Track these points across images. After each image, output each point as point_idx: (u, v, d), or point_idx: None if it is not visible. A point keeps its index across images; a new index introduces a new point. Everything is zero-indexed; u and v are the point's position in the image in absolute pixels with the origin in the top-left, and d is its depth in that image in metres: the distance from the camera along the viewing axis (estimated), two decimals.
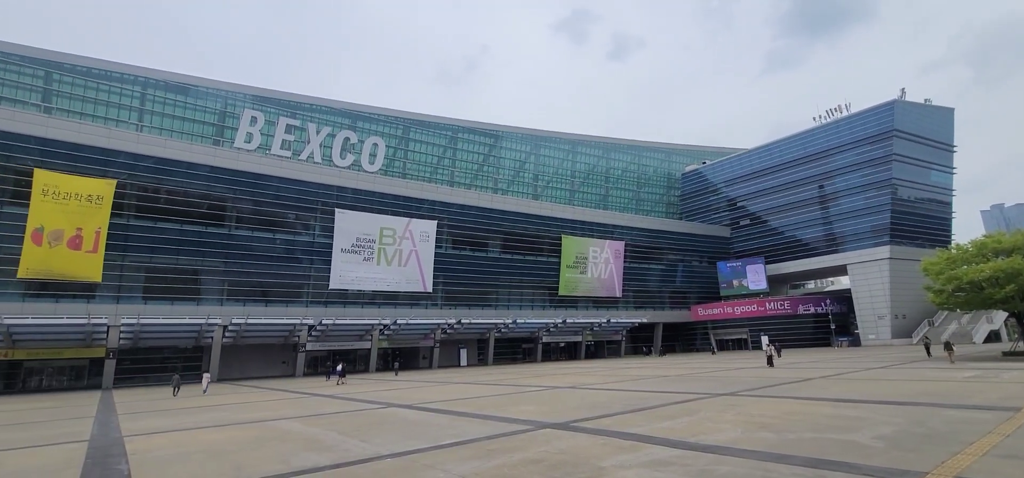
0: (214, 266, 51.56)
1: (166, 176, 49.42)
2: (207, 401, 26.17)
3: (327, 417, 17.09)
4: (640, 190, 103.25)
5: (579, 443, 10.61)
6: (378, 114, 76.94)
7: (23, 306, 41.27)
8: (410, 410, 18.18)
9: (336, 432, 13.50)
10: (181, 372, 50.97)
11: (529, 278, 73.03)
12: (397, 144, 78.75)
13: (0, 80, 55.35)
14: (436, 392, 26.05)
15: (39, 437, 15.42)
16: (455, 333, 63.21)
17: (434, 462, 9.38)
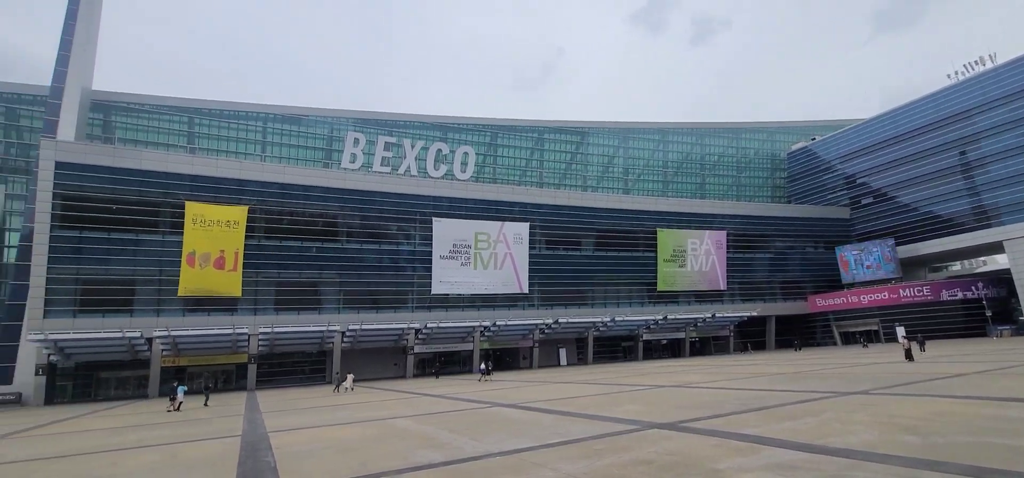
0: (331, 278, 56.54)
1: (287, 199, 55.12)
2: (334, 401, 28.76)
3: (438, 416, 18.04)
4: (740, 175, 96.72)
5: (690, 444, 10.23)
6: (466, 124, 79.72)
7: (183, 320, 48.29)
8: (514, 409, 18.62)
9: (447, 431, 14.21)
10: (308, 374, 56.54)
11: (625, 275, 71.39)
12: (486, 151, 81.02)
13: (155, 128, 65.29)
14: (538, 392, 26.39)
15: (203, 432, 17.95)
16: (553, 333, 63.48)
17: (543, 461, 9.56)
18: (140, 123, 64.50)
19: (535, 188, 74.48)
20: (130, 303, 47.95)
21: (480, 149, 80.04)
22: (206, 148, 66.31)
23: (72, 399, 47.93)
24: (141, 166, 49.58)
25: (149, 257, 48.80)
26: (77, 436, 19.16)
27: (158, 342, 45.61)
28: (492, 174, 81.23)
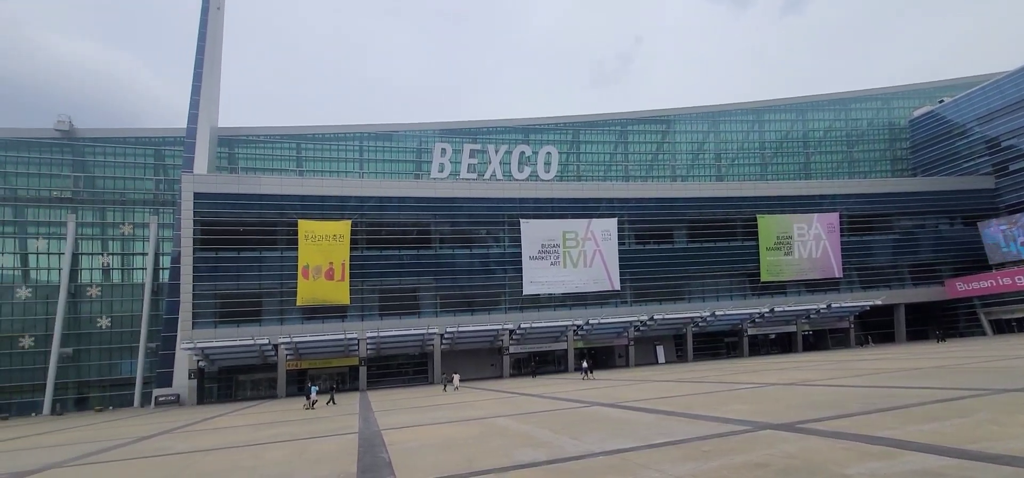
0: (427, 283, 59.37)
1: (384, 211, 58.77)
2: (438, 400, 30.21)
3: (536, 415, 18.28)
4: (852, 150, 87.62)
5: (811, 446, 9.48)
6: (547, 124, 79.90)
7: (302, 327, 53.27)
8: (613, 409, 18.36)
9: (548, 430, 14.37)
10: (412, 375, 59.71)
11: (723, 266, 67.49)
12: (569, 149, 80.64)
13: (269, 156, 72.65)
14: (636, 391, 25.79)
15: (324, 429, 19.69)
16: (648, 330, 61.60)
17: (647, 461, 9.37)
18: (257, 152, 72.18)
19: (620, 182, 72.84)
20: (258, 313, 53.81)
21: (563, 148, 79.81)
22: (312, 170, 72.63)
23: (218, 399, 54.72)
24: (260, 191, 55.49)
25: (271, 271, 54.46)
26: (224, 432, 21.88)
27: (283, 347, 50.71)
28: (576, 172, 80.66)
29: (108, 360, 62.52)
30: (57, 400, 57.94)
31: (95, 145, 65.36)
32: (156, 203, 66.21)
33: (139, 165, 66.85)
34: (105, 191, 65.52)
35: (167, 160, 67.18)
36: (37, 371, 58.80)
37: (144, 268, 63.84)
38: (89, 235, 64.55)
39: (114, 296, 63.92)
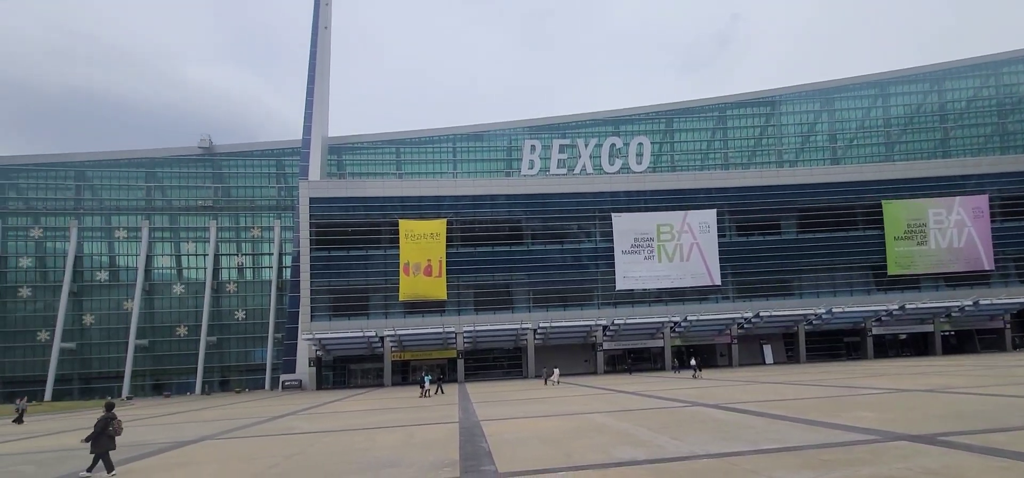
0: (520, 279, 60.40)
1: (477, 209, 60.64)
2: (533, 394, 30.71)
3: (634, 413, 17.93)
4: (1004, 121, 75.40)
5: (958, 463, 8.37)
6: (638, 114, 77.45)
7: (404, 321, 56.72)
8: (717, 410, 17.49)
9: (647, 428, 14.05)
10: (506, 369, 61.06)
11: (841, 258, 61.30)
12: (662, 139, 77.61)
13: (372, 160, 77.84)
14: (742, 392, 24.32)
15: (428, 417, 20.84)
16: (754, 328, 57.64)
17: (756, 467, 8.84)
18: (361, 158, 77.77)
19: (719, 171, 68.72)
20: (366, 308, 58.15)
21: (655, 138, 76.97)
22: (410, 172, 76.83)
23: (333, 385, 59.98)
24: (365, 194, 59.84)
25: (376, 268, 58.56)
26: (340, 416, 23.97)
27: (388, 340, 54.34)
28: (670, 162, 77.42)
29: (244, 348, 71.12)
30: (206, 382, 67.02)
31: (229, 159, 74.40)
32: (279, 208, 73.92)
33: (264, 175, 75.03)
34: (238, 199, 74.38)
35: (287, 169, 74.65)
36: (190, 356, 68.37)
37: (270, 267, 71.69)
38: (226, 238, 73.63)
39: (247, 292, 72.45)
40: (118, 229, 70.81)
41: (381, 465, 10.76)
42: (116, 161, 71.92)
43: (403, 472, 9.94)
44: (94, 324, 68.93)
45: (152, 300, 70.43)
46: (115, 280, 70.75)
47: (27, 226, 69.28)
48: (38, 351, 65.93)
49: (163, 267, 72.38)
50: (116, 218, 71.05)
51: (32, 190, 70.62)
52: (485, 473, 9.49)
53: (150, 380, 69.20)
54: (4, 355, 66.36)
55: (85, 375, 67.98)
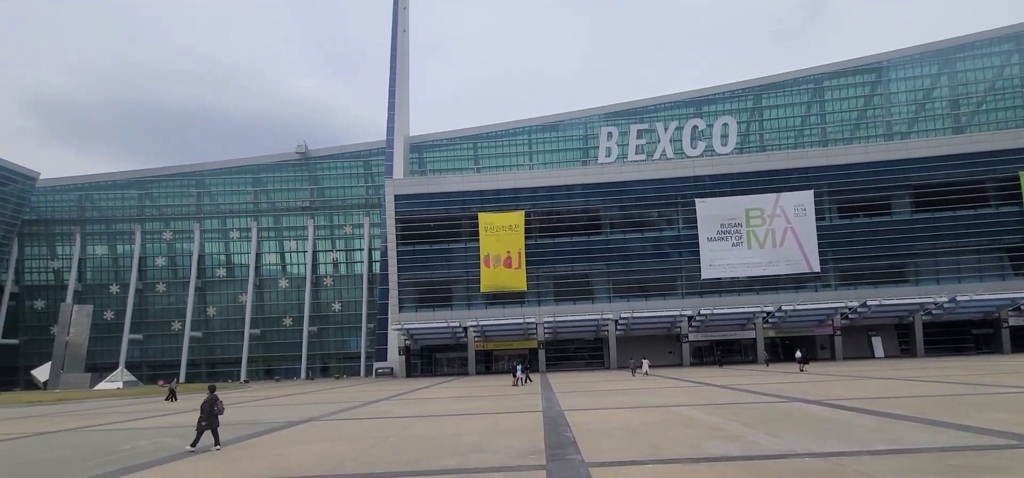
0: (599, 269, 59.68)
1: (554, 199, 60.60)
2: (617, 385, 30.36)
3: (725, 407, 17.17)
4: None
5: None
6: (722, 93, 73.17)
7: (486, 311, 58.18)
8: (818, 406, 16.30)
9: (739, 423, 13.42)
10: (588, 360, 60.70)
11: (968, 239, 54.33)
12: (749, 117, 72.89)
13: (451, 156, 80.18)
14: (847, 387, 22.43)
15: (511, 406, 21.32)
16: (860, 318, 52.78)
17: (868, 469, 8.16)
18: (440, 154, 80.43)
19: (816, 149, 63.26)
20: (449, 299, 60.35)
21: (742, 117, 72.39)
22: (488, 165, 78.27)
23: (421, 373, 62.99)
24: (445, 189, 61.91)
25: (457, 261, 60.53)
26: (429, 402, 25.17)
27: (471, 330, 56.05)
28: (759, 142, 72.48)
29: (341, 337, 76.63)
30: (309, 368, 73.11)
31: (323, 162, 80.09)
32: (367, 206, 78.52)
33: (353, 175, 79.98)
34: (331, 199, 79.95)
35: (373, 169, 79.02)
36: (295, 344, 74.88)
37: (361, 262, 76.49)
38: (322, 236, 79.48)
39: (342, 285, 77.86)
40: (232, 230, 78.90)
41: (469, 450, 11.21)
42: (228, 169, 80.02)
43: (490, 458, 10.28)
44: (216, 315, 77.52)
45: (262, 293, 77.85)
46: (231, 276, 78.98)
47: (160, 230, 79.19)
48: (173, 339, 75.41)
49: (270, 264, 79.66)
50: (230, 220, 79.19)
51: (163, 198, 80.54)
52: (571, 462, 9.59)
53: (263, 365, 76.67)
54: (148, 342, 76.58)
55: (210, 360, 76.72)
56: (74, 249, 77.25)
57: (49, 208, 79.72)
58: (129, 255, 77.62)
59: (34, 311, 77.20)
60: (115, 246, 79.44)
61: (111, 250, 79.65)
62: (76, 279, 76.57)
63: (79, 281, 77.14)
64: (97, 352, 69.01)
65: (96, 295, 75.68)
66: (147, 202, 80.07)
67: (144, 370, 73.29)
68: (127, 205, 79.66)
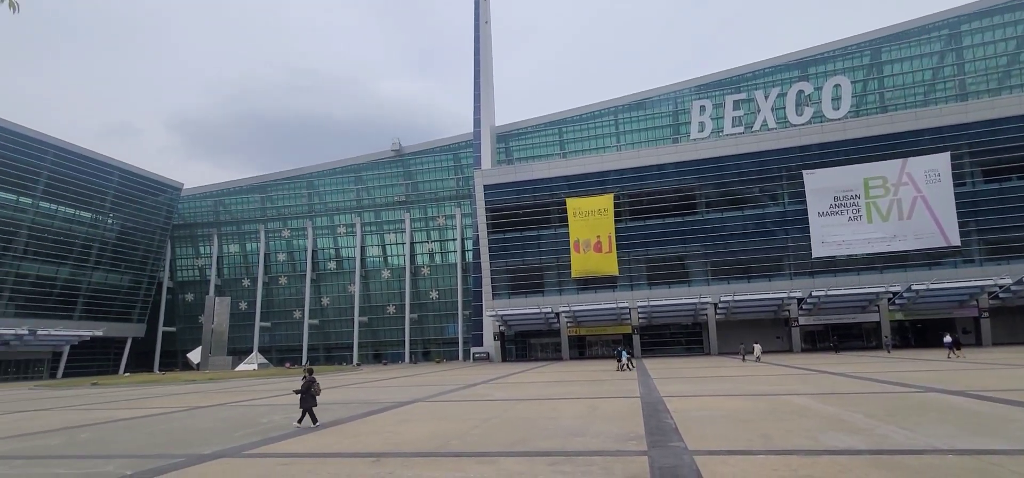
0: (695, 250, 57.03)
1: (644, 180, 58.68)
2: (720, 371, 29.03)
3: (845, 397, 15.79)
4: None
5: None
6: (833, 50, 65.98)
7: (578, 297, 58.09)
8: (962, 398, 14.43)
9: (862, 414, 12.29)
10: (685, 345, 58.52)
11: None
12: (866, 75, 65.19)
13: (536, 143, 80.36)
14: (998, 377, 19.59)
15: (608, 391, 21.20)
16: (1014, 298, 45.65)
17: None
18: (526, 142, 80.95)
19: (954, 104, 55.06)
20: (540, 285, 60.98)
21: (856, 76, 64.87)
22: (573, 150, 77.52)
23: (516, 358, 64.51)
24: (532, 176, 62.31)
25: (547, 247, 60.88)
26: (525, 386, 25.77)
27: (563, 315, 56.29)
28: (879, 103, 64.57)
29: (439, 323, 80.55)
30: (412, 352, 77.81)
31: (416, 158, 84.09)
32: (458, 197, 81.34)
33: (444, 168, 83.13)
34: (424, 192, 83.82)
35: (462, 160, 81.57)
36: (398, 330, 79.98)
37: (455, 251, 79.58)
38: (418, 228, 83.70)
39: (438, 274, 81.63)
40: (339, 226, 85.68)
41: (568, 434, 11.38)
42: (333, 170, 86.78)
43: (590, 441, 10.36)
44: (329, 304, 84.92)
45: (368, 283, 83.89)
46: (340, 268, 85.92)
47: (280, 229, 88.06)
48: (295, 326, 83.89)
49: (373, 256, 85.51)
50: (337, 217, 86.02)
51: (280, 200, 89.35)
52: (674, 449, 9.39)
53: (371, 350, 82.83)
54: (275, 329, 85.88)
55: (326, 344, 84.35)
56: (213, 248, 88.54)
57: (192, 213, 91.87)
58: (256, 252, 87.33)
59: (186, 303, 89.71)
60: (244, 244, 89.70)
61: (242, 248, 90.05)
62: (216, 275, 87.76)
63: (218, 276, 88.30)
64: (235, 338, 78.72)
65: (232, 288, 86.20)
66: (268, 204, 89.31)
67: (273, 353, 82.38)
68: (252, 207, 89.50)
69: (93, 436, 14.06)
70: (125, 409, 21.32)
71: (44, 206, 70.64)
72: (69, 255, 73.43)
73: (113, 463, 10.04)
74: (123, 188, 79.10)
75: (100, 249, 77.09)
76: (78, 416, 19.30)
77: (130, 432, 14.58)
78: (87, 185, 74.55)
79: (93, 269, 76.29)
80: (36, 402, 27.68)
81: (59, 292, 72.78)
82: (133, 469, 9.32)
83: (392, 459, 9.35)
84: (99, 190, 76.27)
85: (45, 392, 37.31)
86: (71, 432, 15.00)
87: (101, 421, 17.43)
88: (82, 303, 75.28)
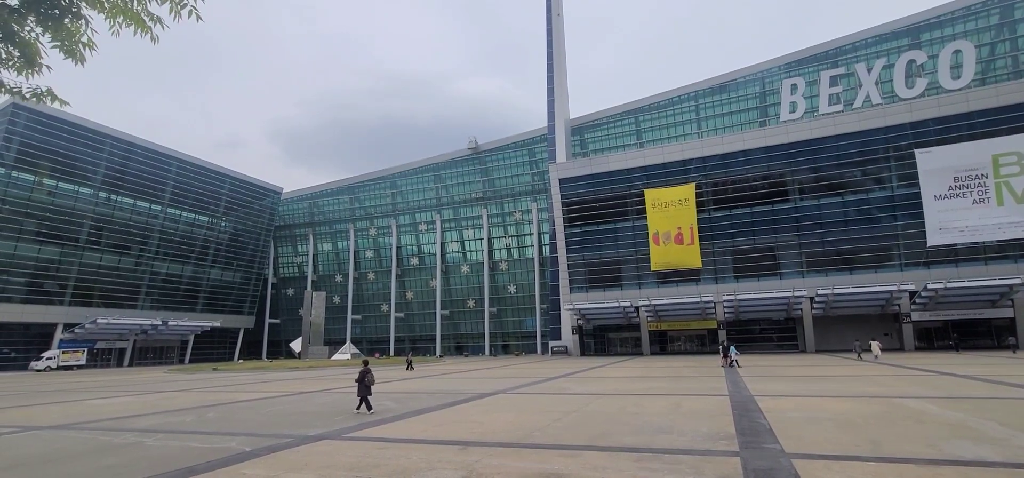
0: (788, 240, 53.22)
1: (729, 167, 55.60)
2: (818, 370, 27.01)
3: (970, 401, 14.11)
4: None
5: None
6: (950, 12, 58.46)
7: (658, 290, 56.36)
8: None
9: (996, 422, 10.94)
10: (777, 342, 54.97)
11: None
12: (992, 37, 57.21)
13: (612, 134, 78.69)
14: None
15: (692, 388, 20.46)
16: None
17: None
18: (601, 133, 79.55)
19: None
20: (619, 279, 59.87)
21: (981, 39, 57.03)
22: (651, 139, 75.08)
23: (594, 352, 63.93)
24: (609, 168, 61.16)
25: (625, 240, 59.58)
26: (605, 381, 25.51)
27: (643, 309, 54.91)
28: (1011, 67, 56.33)
29: (517, 317, 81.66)
30: (491, 345, 79.56)
31: (492, 155, 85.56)
32: (534, 192, 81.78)
33: (519, 163, 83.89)
34: (501, 188, 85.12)
35: (537, 155, 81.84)
36: (478, 323, 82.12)
37: (532, 245, 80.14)
38: (495, 223, 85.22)
39: (516, 269, 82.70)
40: (420, 223, 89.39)
41: (654, 430, 11.17)
42: (414, 170, 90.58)
43: (676, 439, 10.11)
44: (413, 298, 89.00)
45: (448, 278, 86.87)
46: (422, 264, 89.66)
47: (367, 228, 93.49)
48: (382, 319, 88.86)
49: (453, 252, 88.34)
50: (418, 215, 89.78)
51: (367, 200, 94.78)
52: (769, 451, 8.93)
53: (453, 342, 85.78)
54: (364, 322, 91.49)
55: (411, 336, 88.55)
56: (309, 247, 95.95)
57: (290, 215, 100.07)
58: (347, 250, 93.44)
59: (287, 297, 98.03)
60: (337, 242, 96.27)
61: (334, 246, 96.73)
62: (312, 271, 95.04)
63: (314, 272, 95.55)
64: (331, 329, 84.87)
65: (327, 283, 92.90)
66: (356, 204, 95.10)
67: (364, 344, 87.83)
68: (342, 208, 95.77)
69: (218, 415, 15.89)
70: (242, 392, 23.80)
71: (171, 211, 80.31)
72: (191, 254, 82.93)
73: (236, 440, 11.31)
74: (233, 194, 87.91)
75: (216, 249, 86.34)
76: (204, 397, 21.84)
77: (248, 413, 16.30)
78: (204, 192, 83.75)
79: (210, 267, 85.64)
80: (172, 383, 31.66)
81: (185, 288, 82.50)
82: (252, 446, 10.45)
83: (477, 448, 9.72)
84: (214, 196, 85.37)
85: (177, 375, 42.50)
86: (200, 411, 17.03)
87: (224, 402, 19.62)
88: (203, 297, 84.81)
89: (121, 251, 74.38)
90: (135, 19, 6.72)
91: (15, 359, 64.72)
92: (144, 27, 6.80)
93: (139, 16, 6.71)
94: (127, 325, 70.13)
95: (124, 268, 75.04)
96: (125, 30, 6.85)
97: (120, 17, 6.76)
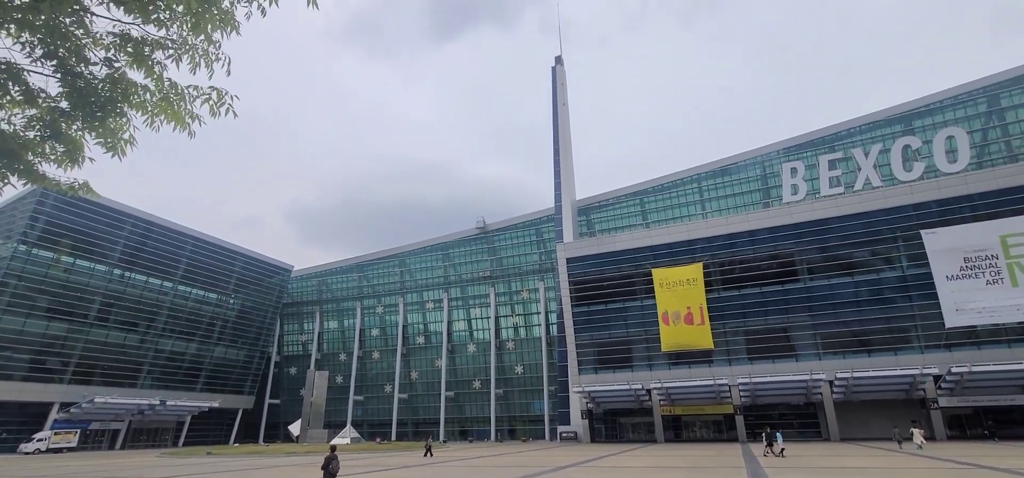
0: (800, 320, 52.32)
1: (735, 248, 55.76)
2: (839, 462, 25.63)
3: None
4: None
5: None
6: (941, 101, 60.77)
7: (670, 372, 54.84)
8: None
9: None
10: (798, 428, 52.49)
11: None
12: (983, 123, 59.05)
13: (618, 215, 79.82)
14: None
15: None
16: None
17: None
18: (607, 214, 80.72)
19: None
20: (629, 360, 58.48)
21: (973, 125, 58.84)
22: (656, 220, 75.97)
23: (605, 439, 61.27)
24: (615, 248, 61.52)
25: (634, 320, 58.76)
26: (619, 471, 24.29)
27: (655, 392, 53.18)
28: (1004, 152, 57.65)
29: (524, 399, 79.16)
30: (498, 429, 76.61)
31: (499, 234, 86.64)
32: (541, 271, 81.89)
33: (526, 243, 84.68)
34: (508, 267, 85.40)
35: (544, 235, 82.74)
36: (484, 405, 79.53)
37: (539, 325, 79.15)
38: (502, 302, 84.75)
39: (523, 349, 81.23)
40: (428, 302, 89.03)
41: None
42: (423, 248, 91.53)
43: None
44: (418, 378, 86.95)
45: (454, 358, 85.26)
46: (428, 343, 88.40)
47: (374, 305, 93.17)
48: (386, 400, 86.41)
49: (459, 331, 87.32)
50: (426, 293, 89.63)
51: (376, 278, 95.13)
52: None
53: (457, 426, 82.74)
54: (367, 403, 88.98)
55: (414, 419, 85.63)
56: (315, 325, 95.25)
57: (299, 292, 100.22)
58: (352, 327, 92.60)
59: (290, 376, 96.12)
60: (343, 320, 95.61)
61: (340, 324, 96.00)
62: (317, 349, 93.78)
63: (319, 350, 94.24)
64: (331, 410, 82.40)
65: (330, 362, 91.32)
66: (364, 282, 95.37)
67: (364, 427, 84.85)
68: (350, 286, 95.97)
69: None
70: None
71: (181, 289, 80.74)
72: (197, 332, 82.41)
73: None
74: (245, 271, 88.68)
75: (222, 327, 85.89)
76: None
77: None
78: (216, 270, 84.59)
79: (215, 344, 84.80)
80: (166, 469, 30.45)
81: (187, 366, 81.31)
82: None
83: None
84: (225, 274, 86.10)
85: (171, 460, 40.96)
86: None
87: None
88: (204, 376, 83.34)
89: (128, 328, 74.18)
90: (176, 117, 7.16)
91: (5, 440, 62.88)
92: (183, 124, 7.23)
93: (180, 114, 7.15)
94: (124, 405, 68.47)
95: (129, 345, 74.49)
96: (164, 126, 7.30)
97: (161, 115, 7.21)
